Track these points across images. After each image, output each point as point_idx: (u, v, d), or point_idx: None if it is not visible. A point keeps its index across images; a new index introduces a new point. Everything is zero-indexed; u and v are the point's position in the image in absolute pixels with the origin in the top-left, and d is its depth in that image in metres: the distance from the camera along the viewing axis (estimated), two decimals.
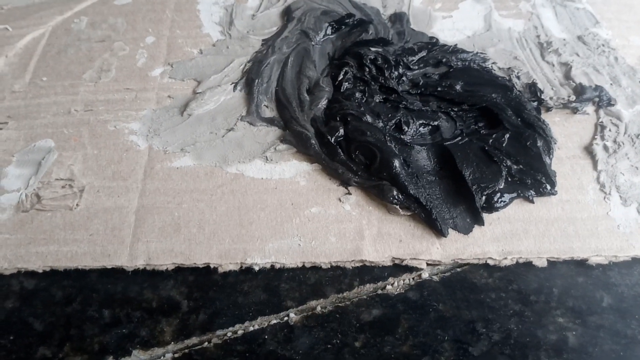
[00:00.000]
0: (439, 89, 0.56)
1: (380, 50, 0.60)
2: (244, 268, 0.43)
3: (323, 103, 0.54)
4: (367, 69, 0.57)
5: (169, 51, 0.62)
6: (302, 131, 0.51)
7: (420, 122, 0.52)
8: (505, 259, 0.43)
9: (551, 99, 0.55)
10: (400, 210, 0.45)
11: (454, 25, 0.66)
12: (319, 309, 0.41)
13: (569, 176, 0.48)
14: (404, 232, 0.45)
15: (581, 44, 0.62)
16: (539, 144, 0.49)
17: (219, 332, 0.40)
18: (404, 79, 0.58)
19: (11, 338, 0.40)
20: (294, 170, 0.49)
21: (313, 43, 0.62)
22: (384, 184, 0.46)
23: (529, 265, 0.43)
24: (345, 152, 0.50)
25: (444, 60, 0.59)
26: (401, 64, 0.58)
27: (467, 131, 0.52)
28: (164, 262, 0.43)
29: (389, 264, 0.43)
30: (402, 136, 0.51)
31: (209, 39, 0.64)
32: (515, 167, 0.48)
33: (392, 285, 0.42)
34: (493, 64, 0.60)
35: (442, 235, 0.44)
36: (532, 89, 0.56)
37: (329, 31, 0.64)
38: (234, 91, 0.57)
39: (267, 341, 0.39)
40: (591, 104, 0.55)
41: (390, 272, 0.43)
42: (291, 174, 0.49)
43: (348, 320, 0.40)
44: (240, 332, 0.40)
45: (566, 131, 0.52)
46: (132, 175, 0.49)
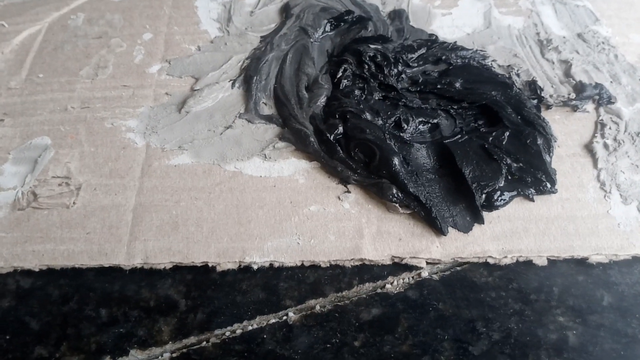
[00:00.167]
0: (438, 86, 0.56)
1: (379, 47, 0.59)
2: (242, 267, 0.43)
3: (322, 100, 0.54)
4: (366, 66, 0.57)
5: (166, 48, 0.62)
6: (301, 129, 0.51)
7: (420, 119, 0.52)
8: (505, 257, 0.43)
9: (551, 96, 0.55)
10: (400, 209, 0.45)
11: (454, 22, 0.65)
12: (318, 308, 0.41)
13: (569, 174, 0.48)
14: (403, 231, 0.45)
15: (581, 42, 0.62)
16: (539, 142, 0.49)
17: (218, 332, 0.40)
18: (403, 76, 0.57)
19: (7, 337, 0.39)
20: (292, 168, 0.49)
21: (312, 40, 0.62)
22: (384, 182, 0.46)
23: (529, 263, 0.43)
24: (344, 149, 0.49)
25: (443, 57, 0.59)
26: (400, 61, 0.58)
27: (466, 129, 0.51)
28: (162, 260, 0.43)
29: (389, 262, 0.43)
30: (401, 134, 0.51)
31: (207, 35, 0.64)
32: (515, 165, 0.48)
33: (391, 284, 0.42)
34: (493, 61, 0.59)
35: (442, 233, 0.44)
36: (532, 86, 0.56)
37: (327, 28, 0.64)
38: (232, 88, 0.57)
39: (266, 340, 0.39)
40: (591, 101, 0.55)
41: (389, 271, 0.43)
42: (290, 172, 0.49)
43: (347, 320, 0.40)
44: (238, 332, 0.40)
45: (566, 129, 0.52)
46: (130, 173, 0.49)
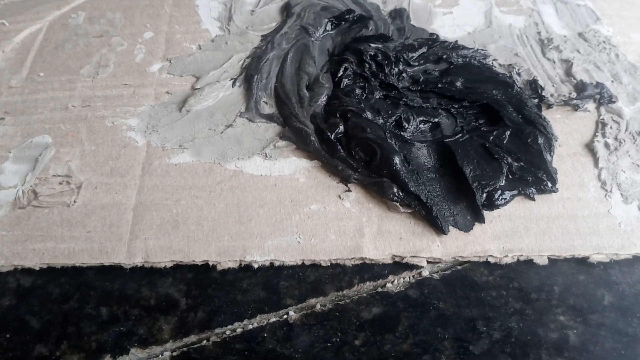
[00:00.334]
0: (439, 85, 0.56)
1: (380, 46, 0.59)
2: (243, 265, 0.43)
3: (323, 99, 0.54)
4: (367, 65, 0.57)
5: (167, 47, 0.62)
6: (302, 128, 0.51)
7: (421, 118, 0.52)
8: (506, 256, 0.43)
9: (552, 96, 0.55)
10: (401, 208, 0.45)
11: (455, 21, 0.65)
12: (318, 307, 0.41)
13: (570, 173, 0.48)
14: (404, 230, 0.44)
15: (582, 41, 0.62)
16: (540, 141, 0.49)
17: (218, 330, 0.40)
18: (404, 75, 0.57)
19: (7, 336, 0.39)
20: (293, 167, 0.49)
21: (313, 39, 0.62)
22: (384, 181, 0.46)
23: (529, 263, 0.43)
24: (345, 148, 0.49)
25: (444, 56, 0.59)
26: (401, 60, 0.58)
27: (467, 128, 0.51)
28: (162, 259, 0.43)
29: (389, 261, 0.43)
30: (402, 133, 0.51)
31: (208, 34, 0.64)
32: (516, 164, 0.48)
33: (392, 283, 0.42)
34: (494, 60, 0.59)
35: (443, 232, 0.44)
36: (533, 85, 0.56)
37: (328, 27, 0.64)
38: (232, 87, 0.57)
39: (267, 339, 0.39)
40: (592, 101, 0.55)
41: (390, 270, 0.43)
42: (290, 170, 0.49)
43: (348, 319, 0.40)
44: (239, 330, 0.40)
45: (567, 128, 0.52)
46: (130, 171, 0.49)
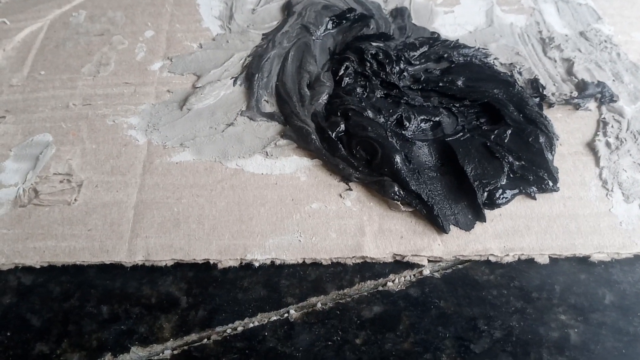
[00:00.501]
0: (440, 84, 0.55)
1: (381, 45, 0.59)
2: (243, 264, 0.43)
3: (324, 98, 0.54)
4: (368, 64, 0.57)
5: (168, 45, 0.62)
6: (303, 126, 0.51)
7: (422, 117, 0.52)
8: (507, 255, 0.43)
9: (553, 95, 0.55)
10: (402, 207, 0.45)
11: (456, 20, 0.65)
12: (319, 305, 0.41)
13: (571, 173, 0.48)
14: (405, 229, 0.44)
15: (583, 40, 0.62)
16: (541, 140, 0.49)
17: (219, 329, 0.40)
18: (405, 74, 0.57)
19: (8, 334, 0.39)
20: (294, 166, 0.49)
21: (314, 37, 0.61)
22: (385, 180, 0.46)
23: (530, 262, 0.43)
24: (346, 147, 0.49)
25: (445, 55, 0.59)
26: (402, 59, 0.58)
27: (468, 127, 0.51)
28: (163, 257, 0.43)
29: (390, 260, 0.43)
30: (403, 132, 0.51)
31: (209, 33, 0.64)
32: (517, 163, 0.48)
33: (393, 281, 0.42)
34: (495, 59, 0.59)
35: (444, 231, 0.44)
36: (534, 84, 0.56)
37: (329, 26, 0.64)
38: (233, 86, 0.57)
39: (267, 338, 0.39)
40: (593, 100, 0.54)
41: (391, 269, 0.43)
42: (291, 169, 0.49)
43: (349, 317, 0.40)
44: (240, 329, 0.40)
45: (568, 127, 0.52)
46: (131, 170, 0.49)
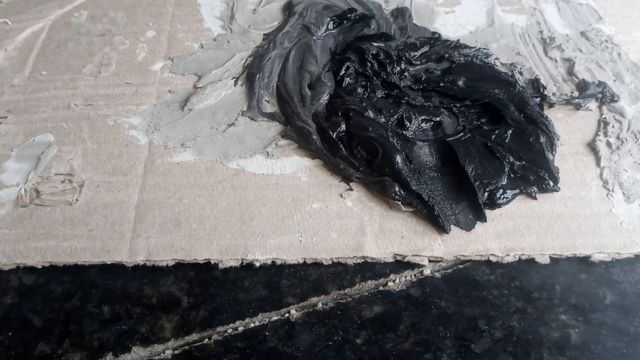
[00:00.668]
0: (441, 84, 0.56)
1: (382, 45, 0.59)
2: (244, 264, 0.43)
3: (325, 98, 0.54)
4: (369, 64, 0.57)
5: (169, 45, 0.62)
6: (304, 126, 0.51)
7: (423, 117, 0.52)
8: (508, 255, 0.43)
9: (554, 95, 0.55)
10: (402, 207, 0.45)
11: (457, 20, 0.65)
12: (320, 305, 0.41)
13: (572, 173, 0.48)
14: (405, 229, 0.44)
15: (584, 40, 0.62)
16: (542, 140, 0.49)
17: (220, 329, 0.40)
18: (406, 74, 0.57)
19: (10, 334, 0.40)
20: (295, 166, 0.49)
21: (315, 38, 0.62)
22: (386, 180, 0.46)
23: (531, 262, 0.43)
24: (347, 147, 0.49)
25: (446, 55, 0.59)
26: (403, 59, 0.58)
27: (469, 127, 0.51)
28: (164, 257, 0.43)
29: (391, 260, 0.43)
30: (404, 132, 0.51)
31: (210, 33, 0.64)
32: (517, 163, 0.48)
33: (393, 281, 0.42)
34: (496, 59, 0.59)
35: (444, 231, 0.44)
36: (535, 84, 0.56)
37: (330, 26, 0.64)
38: (235, 86, 0.57)
39: (268, 338, 0.39)
40: (594, 100, 0.54)
41: (391, 269, 0.43)
42: (292, 169, 0.49)
43: (349, 317, 0.40)
44: (240, 329, 0.40)
45: (569, 127, 0.52)
46: (132, 170, 0.49)
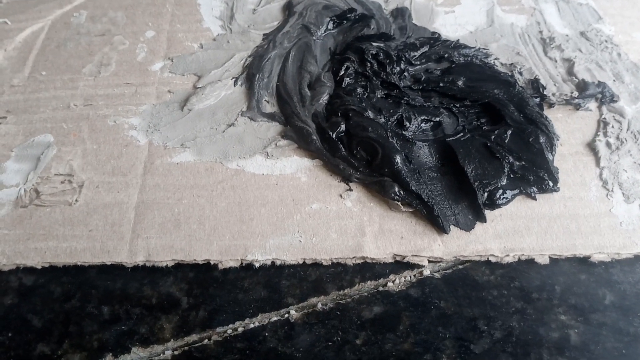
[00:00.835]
0: (441, 84, 0.55)
1: (382, 45, 0.59)
2: (244, 264, 0.43)
3: (324, 98, 0.54)
4: (369, 64, 0.57)
5: (169, 45, 0.62)
6: (303, 127, 0.51)
7: (422, 118, 0.52)
8: (507, 256, 0.43)
9: (554, 95, 0.55)
10: (402, 207, 0.45)
11: (456, 20, 0.65)
12: (319, 306, 0.41)
13: (572, 173, 0.48)
14: (405, 229, 0.45)
15: (584, 40, 0.62)
16: (542, 140, 0.49)
17: (219, 329, 0.40)
18: (405, 74, 0.57)
19: (10, 335, 0.40)
20: (295, 166, 0.49)
21: (314, 38, 0.62)
22: (386, 180, 0.46)
23: (531, 262, 0.43)
24: (346, 148, 0.49)
25: (446, 55, 0.59)
26: (403, 59, 0.58)
27: (469, 127, 0.51)
28: (164, 258, 0.43)
29: (390, 260, 0.43)
30: (403, 132, 0.51)
31: (210, 33, 0.64)
32: (517, 163, 0.48)
33: (393, 282, 0.42)
34: (495, 59, 0.59)
35: (444, 232, 0.44)
36: (535, 85, 0.56)
37: (330, 26, 0.64)
38: (234, 86, 0.57)
39: (268, 338, 0.39)
40: (594, 100, 0.54)
41: (391, 269, 0.43)
42: (292, 169, 0.49)
43: (349, 318, 0.40)
44: (240, 329, 0.40)
45: (569, 127, 0.52)
46: (132, 170, 0.49)
